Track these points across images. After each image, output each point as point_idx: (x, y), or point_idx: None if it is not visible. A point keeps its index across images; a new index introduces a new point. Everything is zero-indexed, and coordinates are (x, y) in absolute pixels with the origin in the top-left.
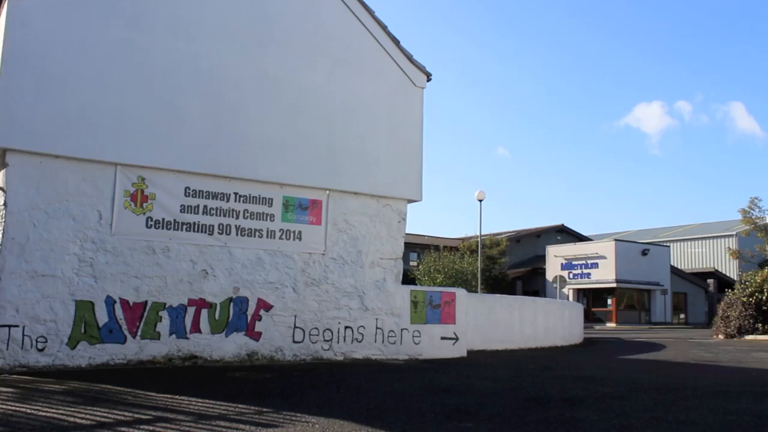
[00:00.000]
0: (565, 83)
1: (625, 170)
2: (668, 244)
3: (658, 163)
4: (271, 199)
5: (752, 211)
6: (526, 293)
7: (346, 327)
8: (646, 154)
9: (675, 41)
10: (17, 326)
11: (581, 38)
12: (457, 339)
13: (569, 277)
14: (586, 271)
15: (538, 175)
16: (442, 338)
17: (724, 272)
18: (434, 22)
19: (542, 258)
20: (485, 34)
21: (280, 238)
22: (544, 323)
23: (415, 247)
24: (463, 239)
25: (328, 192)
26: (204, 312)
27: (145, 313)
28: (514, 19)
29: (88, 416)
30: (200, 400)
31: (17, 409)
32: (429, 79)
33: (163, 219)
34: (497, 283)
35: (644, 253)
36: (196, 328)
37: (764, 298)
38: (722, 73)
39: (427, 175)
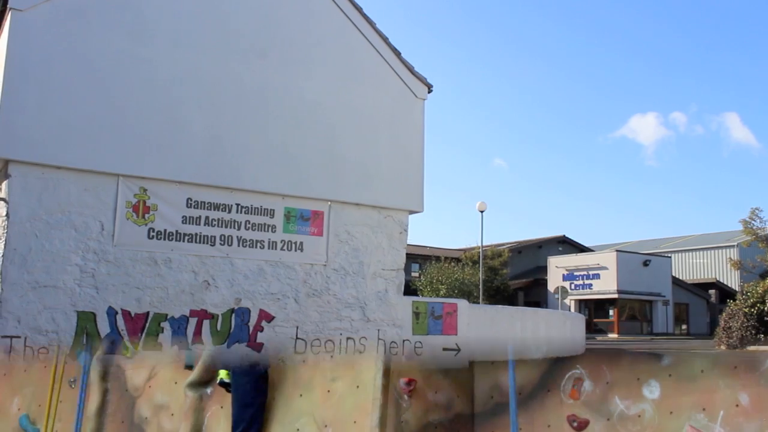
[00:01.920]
0: (560, 95)
1: (623, 181)
2: (669, 255)
3: (654, 174)
4: (273, 210)
5: (753, 222)
6: (527, 304)
7: (347, 338)
8: (643, 165)
9: (669, 52)
10: (19, 337)
11: (575, 50)
12: (459, 350)
13: (571, 288)
14: (587, 281)
15: (536, 186)
16: (444, 349)
17: (725, 283)
18: (429, 36)
19: (544, 269)
20: (479, 47)
21: (282, 249)
22: (545, 334)
23: (417, 258)
24: (464, 250)
25: (329, 203)
26: (206, 323)
27: (147, 324)
28: (508, 32)
29: None
30: None
31: None
32: (430, 91)
33: (165, 230)
34: (499, 293)
35: (645, 263)
36: (197, 339)
37: (766, 308)
38: (716, 83)
39: (428, 186)
